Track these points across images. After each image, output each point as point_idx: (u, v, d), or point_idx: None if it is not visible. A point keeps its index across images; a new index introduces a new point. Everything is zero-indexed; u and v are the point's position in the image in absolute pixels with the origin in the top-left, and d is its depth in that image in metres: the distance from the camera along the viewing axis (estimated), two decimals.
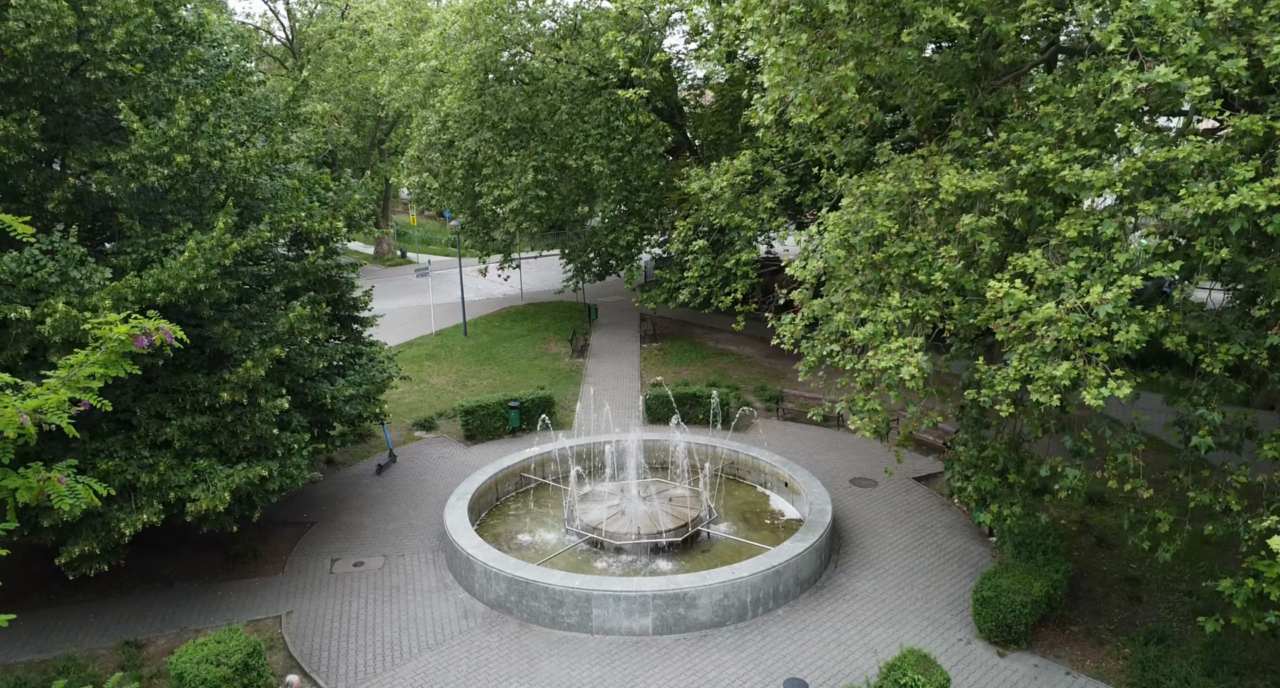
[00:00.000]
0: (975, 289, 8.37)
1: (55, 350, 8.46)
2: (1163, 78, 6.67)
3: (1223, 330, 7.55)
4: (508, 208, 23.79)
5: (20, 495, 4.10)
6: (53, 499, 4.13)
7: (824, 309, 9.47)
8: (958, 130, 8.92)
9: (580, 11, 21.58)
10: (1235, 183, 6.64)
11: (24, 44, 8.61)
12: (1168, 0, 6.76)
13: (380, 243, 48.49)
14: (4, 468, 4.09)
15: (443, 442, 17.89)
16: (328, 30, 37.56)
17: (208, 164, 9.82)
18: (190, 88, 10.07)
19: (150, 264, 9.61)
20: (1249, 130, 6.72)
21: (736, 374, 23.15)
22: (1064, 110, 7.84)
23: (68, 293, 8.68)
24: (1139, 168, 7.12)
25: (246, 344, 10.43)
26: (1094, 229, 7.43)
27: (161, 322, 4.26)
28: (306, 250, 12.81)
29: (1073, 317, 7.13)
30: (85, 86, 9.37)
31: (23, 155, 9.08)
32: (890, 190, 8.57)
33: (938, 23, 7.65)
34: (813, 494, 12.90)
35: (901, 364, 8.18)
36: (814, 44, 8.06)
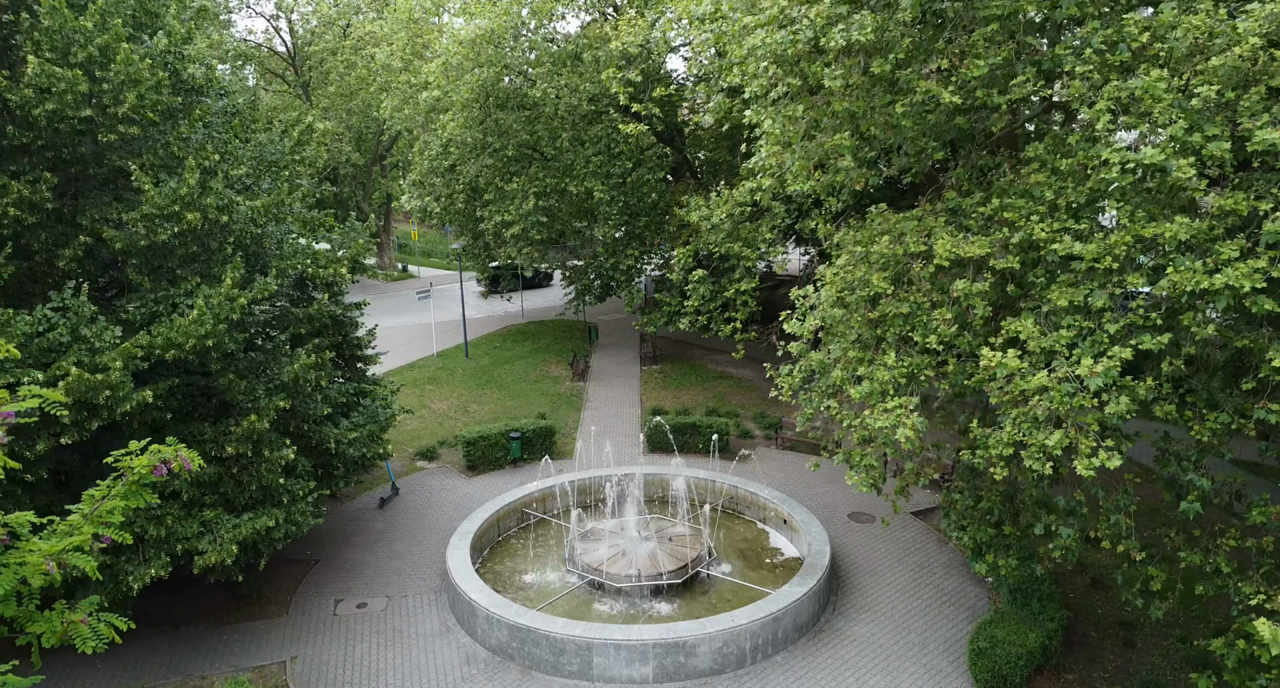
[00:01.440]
0: (970, 350, 8.54)
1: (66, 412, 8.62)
2: (1149, 160, 6.85)
3: (1211, 398, 7.71)
4: (509, 233, 24.00)
5: (45, 640, 4.13)
6: (76, 641, 4.18)
7: (821, 364, 9.63)
8: (952, 191, 9.09)
9: (580, 41, 21.81)
10: (1221, 262, 6.82)
11: (39, 110, 8.81)
12: (1153, 82, 6.96)
13: (381, 257, 48.77)
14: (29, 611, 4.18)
15: (444, 472, 18.03)
16: (329, 49, 37.82)
17: (216, 219, 10.00)
18: (199, 143, 10.25)
19: (159, 318, 9.78)
20: (1233, 210, 6.90)
21: (736, 399, 23.30)
22: (1055, 180, 8.02)
23: (78, 353, 8.85)
24: (1127, 242, 7.29)
25: (252, 394, 10.59)
26: (1084, 299, 7.60)
27: (180, 447, 4.41)
28: (313, 294, 12.98)
29: (1064, 386, 7.29)
30: (96, 147, 9.56)
31: (35, 216, 9.26)
32: (885, 252, 8.75)
33: (931, 95, 7.83)
34: (811, 533, 13.04)
35: (897, 425, 8.34)
36: (810, 112, 8.24)
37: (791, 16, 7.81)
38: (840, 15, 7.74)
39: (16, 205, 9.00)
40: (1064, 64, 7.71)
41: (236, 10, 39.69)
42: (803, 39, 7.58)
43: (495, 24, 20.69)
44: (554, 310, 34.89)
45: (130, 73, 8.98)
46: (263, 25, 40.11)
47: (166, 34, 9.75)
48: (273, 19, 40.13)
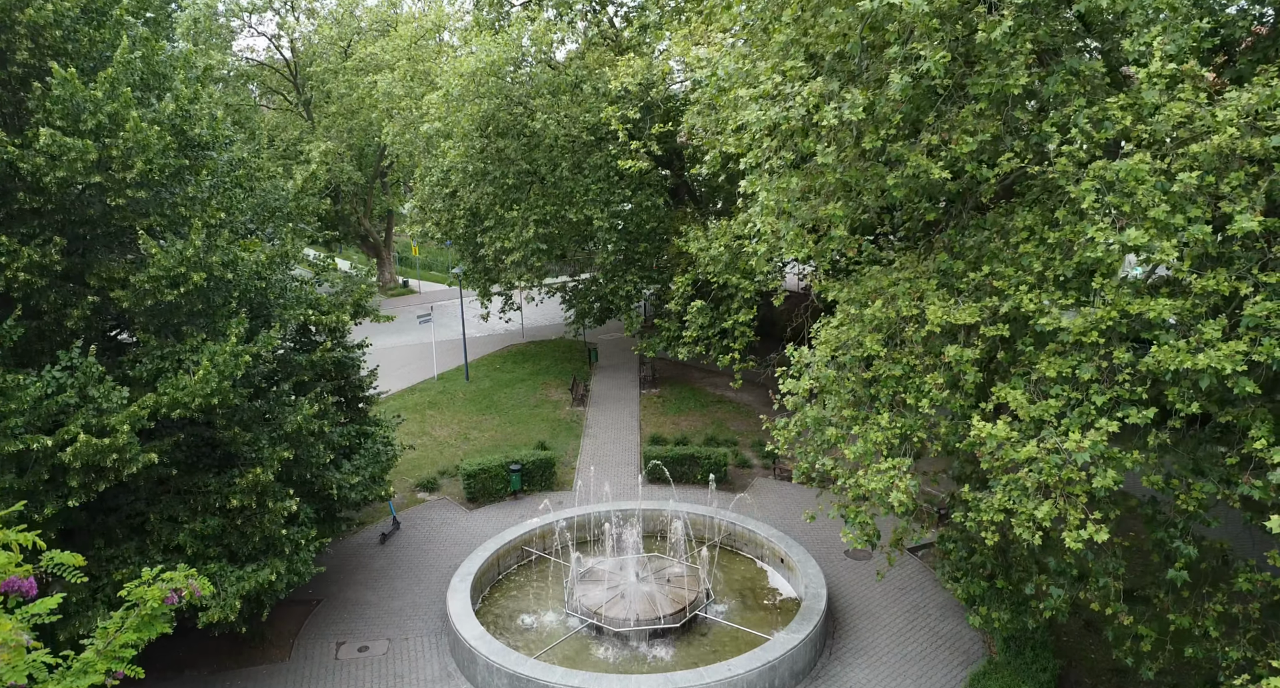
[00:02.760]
0: (961, 413, 8.70)
1: (74, 475, 8.79)
2: (1134, 241, 7.03)
3: (1197, 467, 7.87)
4: (509, 259, 24.21)
5: None
6: None
7: (816, 421, 9.79)
8: (944, 254, 9.28)
9: (579, 71, 22.06)
10: (1204, 341, 6.99)
11: (49, 177, 9.00)
12: (1137, 165, 7.14)
13: (381, 272, 48.99)
14: None
15: (445, 505, 18.16)
16: (331, 70, 38.12)
17: (221, 276, 10.18)
18: (204, 200, 10.43)
19: (164, 374, 9.95)
20: (1215, 290, 7.07)
21: (735, 425, 23.45)
22: (1043, 250, 8.20)
23: (86, 415, 9.01)
24: (1113, 318, 7.47)
25: (256, 444, 10.75)
26: (1072, 371, 7.77)
27: (191, 572, 4.56)
28: (316, 338, 13.15)
29: (1052, 458, 7.45)
30: (105, 209, 9.74)
31: (45, 279, 9.44)
32: (879, 316, 8.92)
33: (923, 168, 8.02)
34: (808, 574, 13.17)
35: (891, 487, 8.51)
36: (804, 181, 8.44)
37: (786, 92, 8.01)
38: (832, 92, 7.93)
39: (27, 270, 9.17)
40: (1051, 140, 7.90)
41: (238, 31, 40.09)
42: (796, 116, 7.77)
43: (496, 56, 20.94)
44: (554, 328, 35.07)
45: (139, 140, 9.17)
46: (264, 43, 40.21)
47: (174, 98, 9.95)
48: (274, 38, 40.43)
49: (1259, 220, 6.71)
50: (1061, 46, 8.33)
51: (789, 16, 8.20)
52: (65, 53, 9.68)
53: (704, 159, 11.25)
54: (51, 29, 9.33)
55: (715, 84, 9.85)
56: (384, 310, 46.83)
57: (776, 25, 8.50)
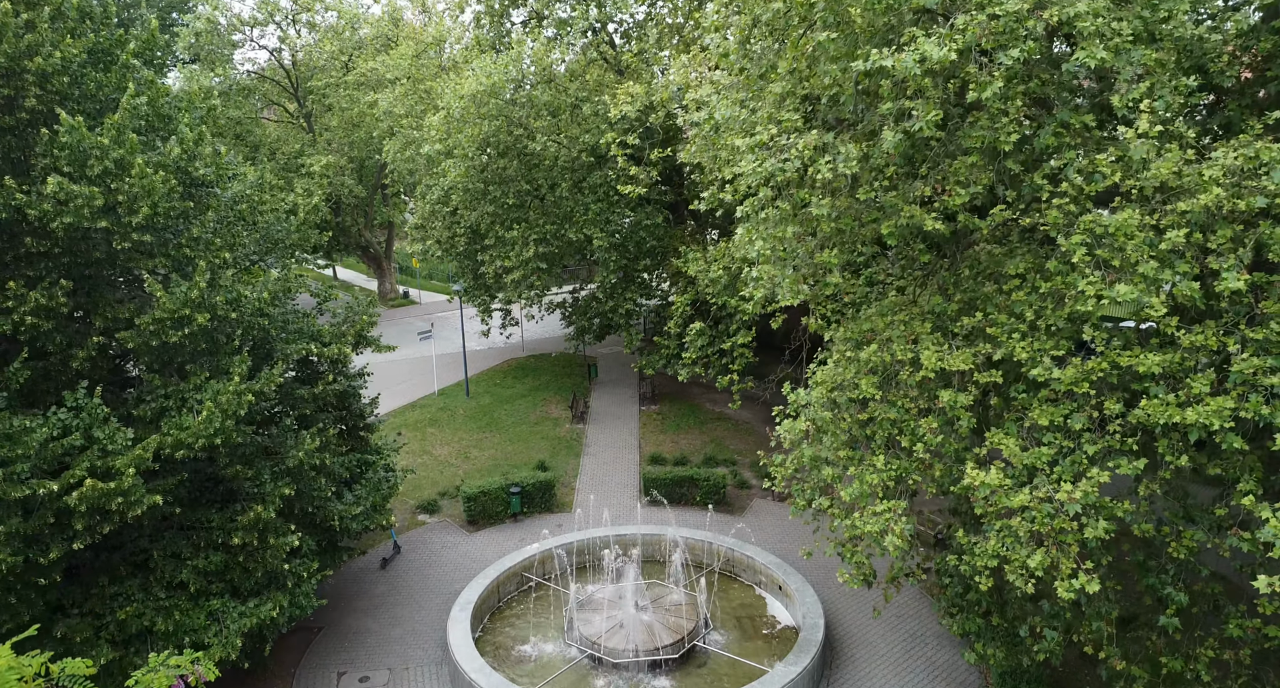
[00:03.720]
0: (955, 457, 8.82)
1: (79, 518, 8.89)
2: (1123, 296, 7.15)
3: (1188, 515, 7.98)
4: (509, 278, 24.35)
5: None
6: None
7: (813, 460, 9.90)
8: (938, 296, 9.40)
9: (579, 93, 22.23)
10: (1193, 396, 7.11)
11: (56, 223, 9.13)
12: (1126, 220, 7.27)
13: (382, 283, 49.16)
14: None
15: (445, 527, 18.25)
16: (332, 84, 38.34)
17: (225, 315, 10.30)
18: (209, 240, 10.56)
19: (168, 412, 10.06)
20: (1203, 345, 7.19)
21: (734, 444, 23.55)
22: (1035, 298, 8.31)
23: (91, 457, 9.11)
24: (1104, 369, 7.58)
25: (258, 480, 10.86)
26: (1064, 419, 7.88)
27: (198, 656, 4.68)
28: (319, 368, 13.25)
29: (1045, 507, 7.56)
30: (111, 251, 9.87)
31: (51, 321, 9.56)
32: (874, 359, 9.04)
33: (916, 219, 8.15)
34: (806, 604, 13.26)
35: (886, 531, 8.61)
36: (800, 230, 8.57)
37: (781, 144, 8.14)
38: (827, 144, 8.06)
39: (34, 313, 9.30)
40: (1042, 191, 8.03)
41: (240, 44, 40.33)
42: (791, 168, 7.91)
43: (497, 77, 21.12)
44: (554, 341, 35.19)
45: (144, 185, 9.30)
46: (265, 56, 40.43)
47: (179, 141, 10.08)
48: (276, 52, 40.64)
49: (1245, 280, 6.83)
50: (1052, 97, 8.47)
51: (785, 68, 8.34)
52: (72, 98, 9.84)
53: (702, 196, 11.38)
54: (59, 76, 9.48)
55: (711, 125, 10.00)
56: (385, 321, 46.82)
57: (773, 75, 8.64)
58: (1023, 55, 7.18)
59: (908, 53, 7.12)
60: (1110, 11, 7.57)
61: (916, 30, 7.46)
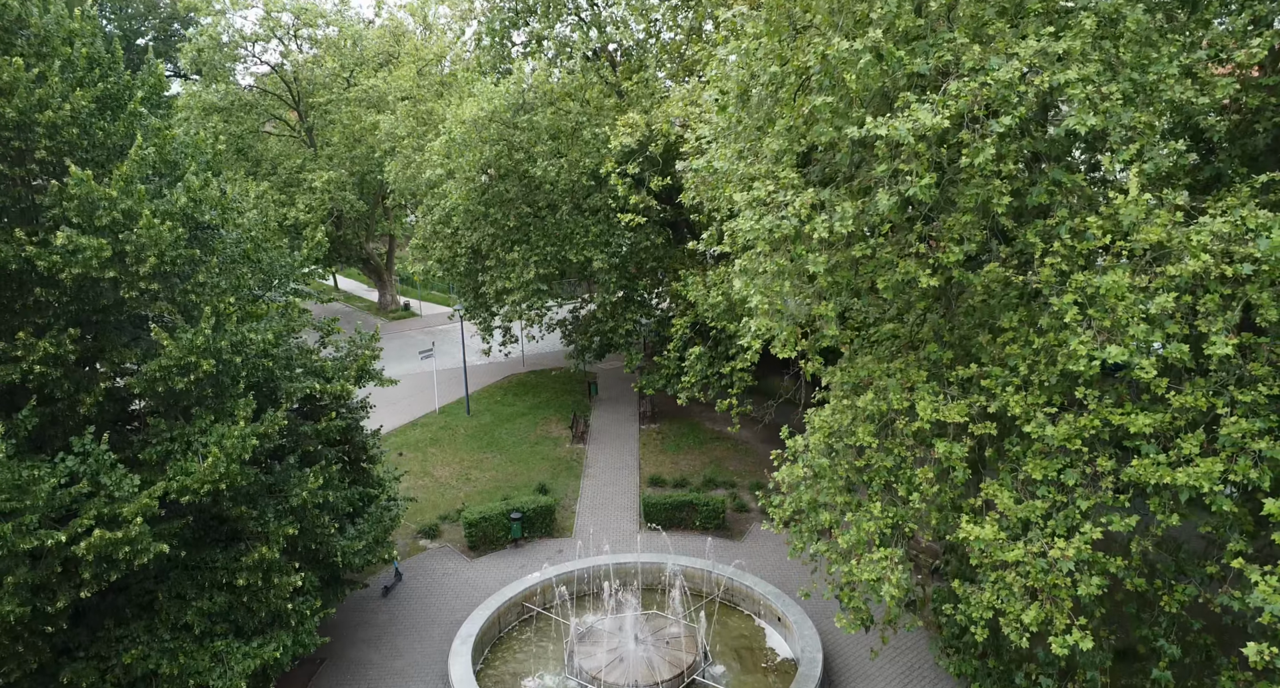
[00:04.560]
0: (952, 505, 8.94)
1: (87, 567, 9.01)
2: (1114, 358, 7.29)
3: (1180, 569, 8.09)
4: (510, 300, 24.51)
5: None
6: None
7: (811, 503, 10.02)
8: (934, 344, 9.53)
9: (579, 118, 22.41)
10: (1183, 456, 7.24)
11: (65, 273, 9.27)
12: (1116, 282, 7.41)
13: (383, 295, 49.32)
14: None
15: (447, 553, 18.34)
16: (333, 100, 38.57)
17: (230, 360, 10.43)
18: (214, 284, 10.70)
19: (173, 456, 10.18)
20: (1194, 406, 7.33)
21: (733, 465, 23.65)
22: (1028, 352, 8.45)
23: (98, 504, 9.23)
24: (1096, 426, 7.72)
25: (262, 519, 10.97)
26: (1058, 474, 8.01)
27: None
28: (321, 402, 13.37)
29: (1039, 562, 7.69)
30: (117, 299, 10.01)
31: (59, 369, 9.69)
32: (871, 408, 9.17)
33: (912, 275, 8.29)
34: (804, 637, 13.37)
35: (883, 579, 8.73)
36: (797, 284, 8.72)
37: (779, 201, 8.30)
38: (824, 201, 8.22)
39: (42, 362, 9.44)
40: (1035, 249, 8.18)
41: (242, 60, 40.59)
42: (789, 226, 8.05)
43: (498, 103, 21.31)
44: (554, 356, 35.29)
45: (152, 235, 9.45)
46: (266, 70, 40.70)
47: (186, 189, 10.23)
48: (278, 67, 40.87)
49: (1233, 344, 6.97)
50: (1045, 153, 8.62)
51: (782, 126, 8.50)
52: (81, 147, 9.99)
53: (702, 237, 11.54)
54: (68, 127, 9.63)
55: (709, 171, 10.16)
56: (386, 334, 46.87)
57: (770, 129, 8.80)
58: (1014, 122, 7.33)
59: (901, 119, 7.27)
60: (1101, 75, 7.73)
61: (910, 95, 7.62)
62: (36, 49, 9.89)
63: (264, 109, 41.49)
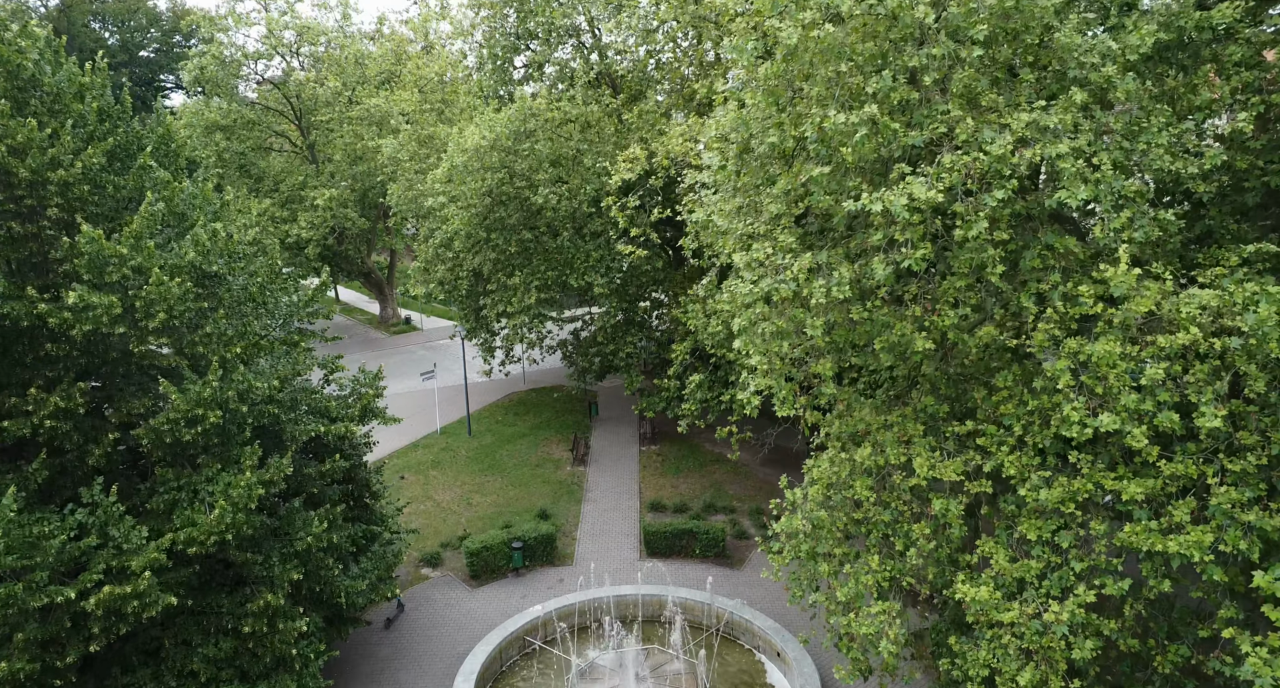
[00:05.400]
0: (949, 560, 9.08)
1: (96, 621, 9.14)
2: (1106, 426, 7.43)
3: (1173, 630, 8.22)
4: (511, 324, 24.68)
5: None
6: None
7: (810, 554, 10.15)
8: (930, 397, 9.68)
9: (580, 144, 22.63)
10: (1174, 523, 7.38)
11: (76, 330, 9.43)
12: (1108, 351, 7.57)
13: (384, 309, 49.52)
14: None
15: (449, 583, 18.45)
16: (336, 118, 38.85)
17: (236, 409, 10.58)
18: (220, 333, 10.84)
19: (180, 505, 10.32)
20: (1184, 474, 7.47)
21: (733, 489, 23.76)
22: (1022, 411, 8.60)
23: (107, 557, 9.37)
24: (1089, 490, 7.86)
25: (267, 563, 11.10)
26: (1052, 535, 8.15)
27: None
28: (327, 442, 13.50)
29: (1034, 624, 7.82)
30: (126, 352, 10.17)
31: (69, 422, 9.84)
32: (868, 463, 9.32)
33: (907, 338, 8.45)
34: (804, 674, 13.47)
35: (880, 635, 8.86)
36: (794, 344, 8.89)
37: (777, 263, 8.46)
38: (820, 266, 8.38)
39: (53, 416, 9.59)
40: (1029, 313, 8.34)
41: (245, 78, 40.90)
42: (787, 290, 8.22)
43: (500, 131, 21.52)
44: (554, 373, 35.42)
45: (161, 292, 9.61)
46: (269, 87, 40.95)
47: (194, 243, 10.40)
48: (280, 85, 41.15)
49: (1222, 415, 7.11)
50: (1037, 217, 8.78)
51: (779, 189, 8.68)
52: (91, 202, 10.17)
53: (701, 282, 11.69)
54: (80, 184, 9.81)
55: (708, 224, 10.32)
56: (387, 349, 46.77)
57: (769, 192, 8.97)
58: (1006, 195, 7.50)
59: (896, 193, 7.44)
60: (1092, 145, 7.91)
61: (905, 167, 7.80)
62: (49, 106, 10.08)
63: (266, 126, 41.82)
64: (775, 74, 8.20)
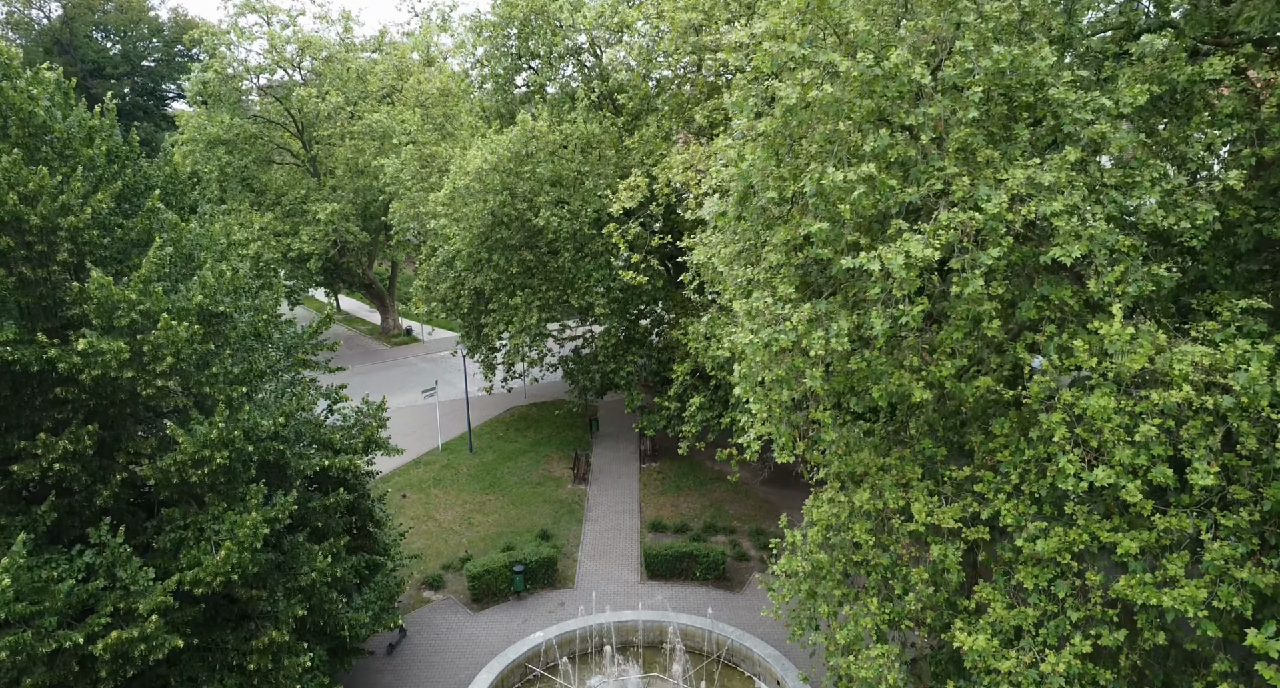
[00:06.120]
0: (947, 604, 9.18)
1: (104, 665, 9.24)
2: (1101, 481, 7.55)
3: (1169, 680, 8.33)
4: (513, 343, 24.82)
5: None
6: None
7: (809, 593, 10.25)
8: (928, 440, 9.80)
9: (582, 167, 22.79)
10: (1169, 577, 7.49)
11: (85, 375, 9.56)
12: (1103, 406, 7.68)
13: (385, 319, 49.69)
14: None
15: (450, 606, 18.54)
16: (337, 132, 39.07)
17: (242, 448, 10.70)
18: (227, 372, 10.97)
19: (186, 544, 10.42)
20: (1178, 528, 7.59)
21: (733, 508, 23.85)
22: (1019, 459, 8.71)
23: (115, 600, 9.47)
24: (1085, 541, 7.97)
25: (272, 598, 11.20)
26: (1048, 584, 8.26)
27: None
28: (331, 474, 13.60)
29: (1030, 673, 7.92)
30: (133, 394, 10.29)
31: (78, 465, 9.96)
32: (866, 506, 9.43)
33: (905, 387, 8.57)
34: None
35: (880, 679, 8.96)
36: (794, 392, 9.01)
37: (777, 313, 8.59)
38: (820, 316, 8.50)
39: (61, 459, 9.71)
40: (1025, 364, 8.46)
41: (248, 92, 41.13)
42: (787, 341, 8.35)
43: (502, 153, 21.69)
44: (555, 387, 35.51)
45: (169, 337, 9.74)
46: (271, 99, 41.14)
47: (201, 286, 10.54)
48: (283, 99, 41.37)
49: (1214, 472, 7.23)
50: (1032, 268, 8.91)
51: (779, 239, 8.81)
52: (101, 246, 10.30)
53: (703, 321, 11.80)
54: (89, 229, 9.95)
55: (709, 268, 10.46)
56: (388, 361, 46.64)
57: (769, 241, 9.10)
58: (1002, 253, 7.63)
59: (893, 251, 7.57)
60: (1086, 200, 8.04)
61: (902, 223, 7.93)
62: (60, 152, 10.23)
63: (268, 140, 42.05)
64: (774, 129, 8.35)
